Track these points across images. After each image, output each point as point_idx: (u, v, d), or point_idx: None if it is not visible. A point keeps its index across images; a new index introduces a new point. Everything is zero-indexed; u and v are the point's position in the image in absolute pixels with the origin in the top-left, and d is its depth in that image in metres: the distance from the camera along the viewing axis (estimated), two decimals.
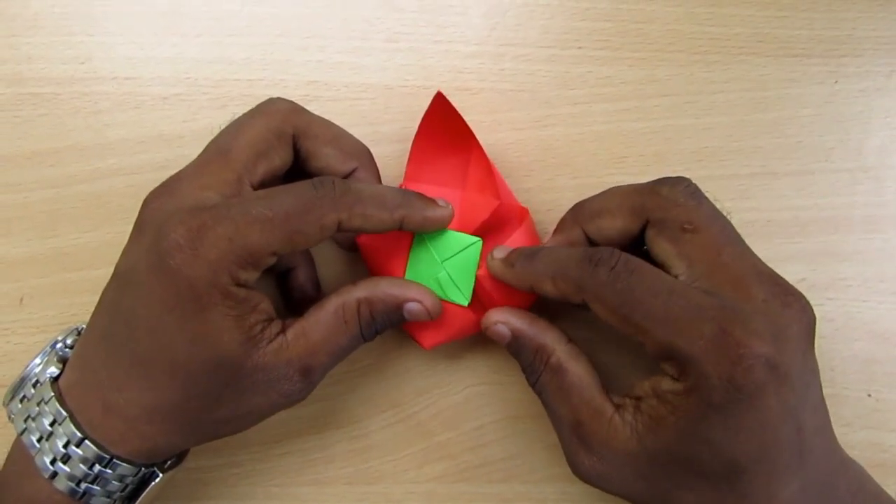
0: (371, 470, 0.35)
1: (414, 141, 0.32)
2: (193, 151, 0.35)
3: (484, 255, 0.31)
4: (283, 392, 0.28)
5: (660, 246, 0.28)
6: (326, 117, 0.31)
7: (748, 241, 0.28)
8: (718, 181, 0.35)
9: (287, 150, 0.30)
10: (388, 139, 0.35)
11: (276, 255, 0.27)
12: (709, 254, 0.27)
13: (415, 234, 0.32)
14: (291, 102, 0.31)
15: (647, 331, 0.26)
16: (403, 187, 0.33)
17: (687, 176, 0.35)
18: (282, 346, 0.27)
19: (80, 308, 0.35)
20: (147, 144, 0.35)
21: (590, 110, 0.35)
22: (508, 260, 0.30)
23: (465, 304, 0.32)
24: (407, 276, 0.32)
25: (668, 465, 0.26)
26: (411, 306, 0.30)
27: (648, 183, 0.29)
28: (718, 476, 0.26)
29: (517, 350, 0.30)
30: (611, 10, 0.36)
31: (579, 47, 0.35)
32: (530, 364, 0.30)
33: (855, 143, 0.35)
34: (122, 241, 0.29)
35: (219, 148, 0.29)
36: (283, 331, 0.28)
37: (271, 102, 0.30)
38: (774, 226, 0.35)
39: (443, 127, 0.32)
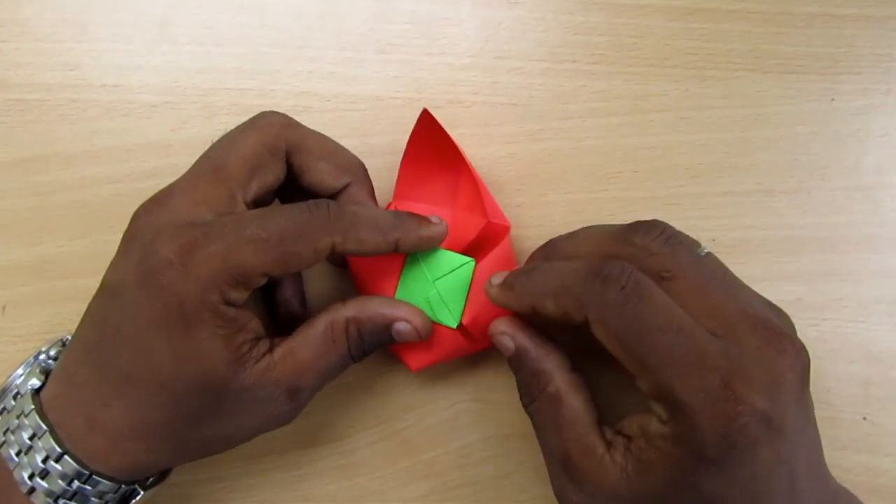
0: (356, 487, 0.34)
1: (403, 159, 0.32)
2: (182, 160, 0.34)
3: (475, 275, 0.31)
4: (269, 413, 0.28)
5: None
6: (316, 128, 0.31)
7: (744, 260, 0.28)
8: (713, 198, 0.35)
9: (280, 166, 0.29)
10: (379, 151, 0.34)
11: (268, 276, 0.26)
12: (692, 300, 0.26)
13: None
14: (285, 116, 0.30)
15: (648, 368, 0.25)
16: (394, 205, 0.33)
17: (682, 192, 0.35)
18: (269, 365, 0.27)
19: (65, 317, 0.34)
20: (135, 152, 0.35)
21: (583, 125, 0.35)
22: (507, 283, 0.29)
23: (454, 325, 0.31)
24: (398, 294, 0.32)
25: None
26: (400, 326, 0.29)
27: (621, 228, 0.28)
28: None
29: (517, 367, 0.29)
30: (606, 25, 0.35)
31: (573, 61, 0.35)
32: (526, 386, 0.29)
33: (852, 162, 0.35)
34: (108, 249, 0.29)
35: (211, 163, 0.28)
36: (270, 350, 0.27)
37: (264, 117, 0.30)
38: (770, 244, 0.35)
39: (431, 144, 0.31)
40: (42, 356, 0.29)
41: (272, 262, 0.26)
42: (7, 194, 0.34)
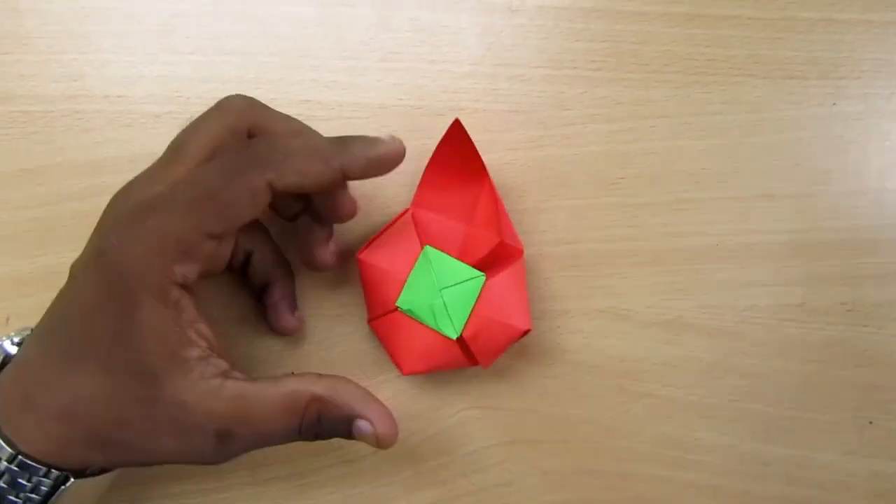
0: (360, 496, 0.34)
1: (428, 165, 0.32)
2: None
3: (484, 291, 0.31)
4: (191, 444, 0.26)
5: None
6: None
7: (746, 265, 0.28)
8: (716, 203, 0.35)
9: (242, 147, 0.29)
10: None
11: (212, 236, 0.26)
12: None
13: (420, 254, 0.32)
14: (249, 98, 0.29)
15: None
16: (410, 212, 0.32)
17: (684, 197, 0.35)
18: (211, 393, 0.26)
19: None
20: (138, 163, 0.34)
21: (585, 131, 0.35)
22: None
23: (454, 337, 0.31)
24: (403, 296, 0.32)
25: None
26: (362, 425, 0.27)
27: None
28: None
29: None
30: (607, 31, 0.35)
31: (574, 68, 0.35)
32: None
33: (854, 167, 0.35)
34: None
35: (173, 146, 0.28)
36: (221, 376, 0.26)
37: (228, 100, 0.29)
38: (773, 249, 0.35)
39: (457, 155, 0.31)
40: (6, 342, 0.29)
41: (209, 220, 0.25)
42: (10, 205, 0.34)
